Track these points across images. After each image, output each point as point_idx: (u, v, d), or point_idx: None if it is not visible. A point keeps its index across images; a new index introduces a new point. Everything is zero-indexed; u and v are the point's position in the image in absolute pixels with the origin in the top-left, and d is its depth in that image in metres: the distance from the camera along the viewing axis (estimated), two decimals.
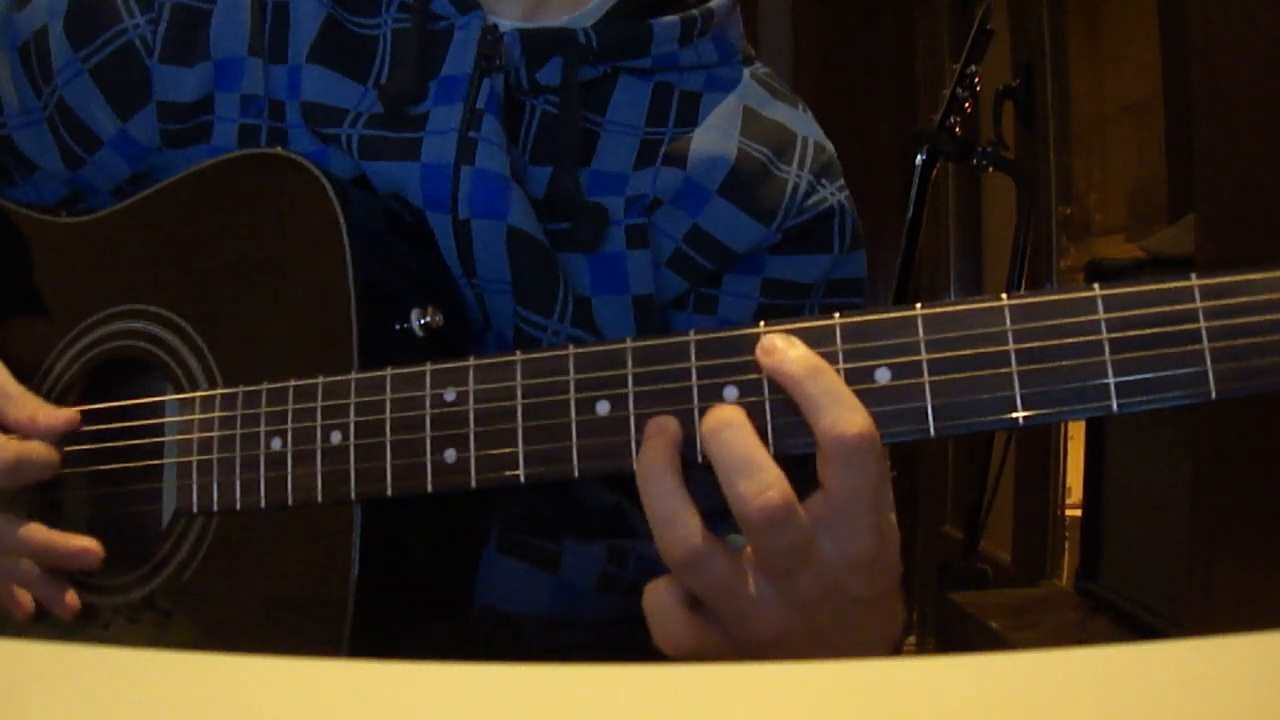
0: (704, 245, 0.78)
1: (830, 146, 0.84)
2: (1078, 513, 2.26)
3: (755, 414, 0.55)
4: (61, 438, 0.73)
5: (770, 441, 0.54)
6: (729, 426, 0.52)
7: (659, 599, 0.55)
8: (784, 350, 0.53)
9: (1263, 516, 1.43)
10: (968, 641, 2.08)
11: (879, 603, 0.55)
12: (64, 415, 0.71)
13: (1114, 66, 2.53)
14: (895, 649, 0.60)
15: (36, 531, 0.70)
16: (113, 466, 0.73)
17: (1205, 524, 1.56)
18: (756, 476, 0.51)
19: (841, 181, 0.82)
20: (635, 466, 0.54)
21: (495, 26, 0.75)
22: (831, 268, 0.81)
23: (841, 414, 0.51)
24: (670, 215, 0.77)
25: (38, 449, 0.70)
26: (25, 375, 0.76)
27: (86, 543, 0.70)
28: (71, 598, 0.71)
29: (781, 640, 0.54)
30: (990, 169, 2.27)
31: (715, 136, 0.78)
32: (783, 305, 0.81)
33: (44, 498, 0.75)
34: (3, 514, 0.70)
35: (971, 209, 3.08)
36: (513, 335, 0.75)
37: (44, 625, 0.72)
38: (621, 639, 0.84)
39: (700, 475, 0.55)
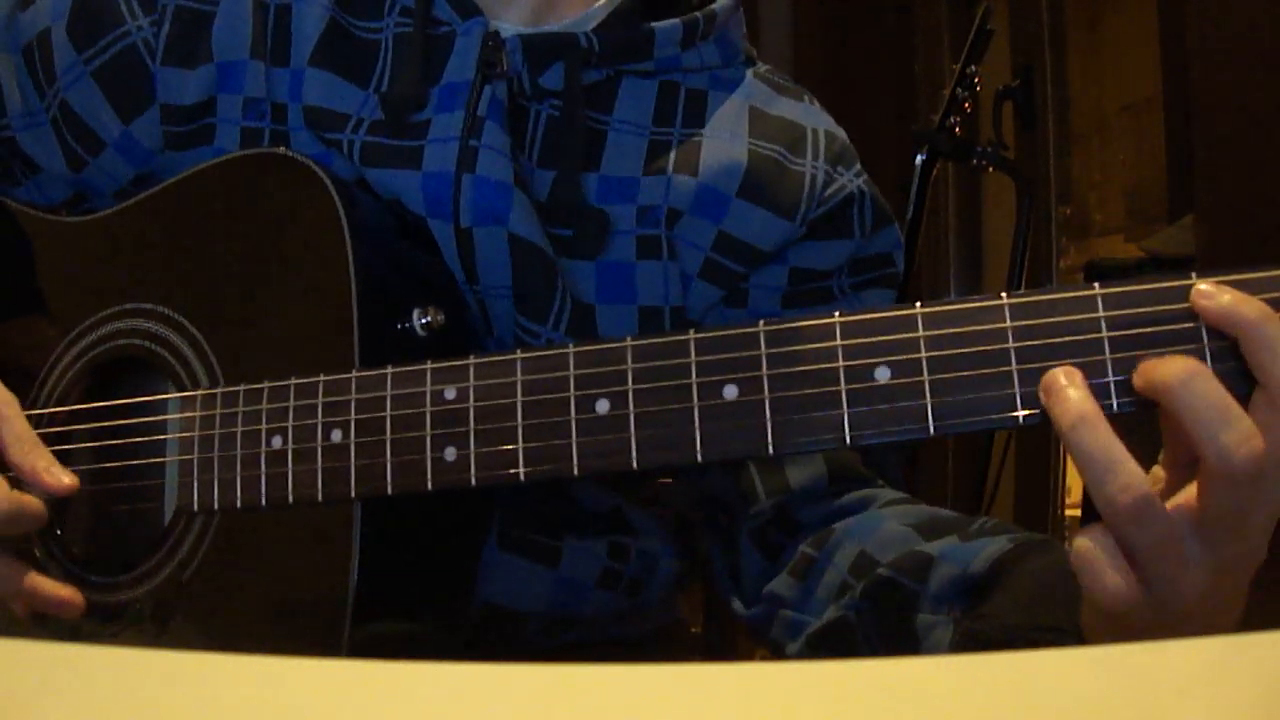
0: (733, 250, 0.78)
1: (842, 133, 0.83)
2: (1078, 513, 2.26)
3: (754, 413, 0.54)
4: (64, 436, 0.73)
5: (770, 442, 0.54)
6: (1199, 375, 0.48)
7: (1093, 547, 0.51)
8: (1233, 294, 0.49)
9: None
10: None
11: (1251, 574, 0.53)
12: (68, 481, 0.69)
13: (1114, 66, 2.53)
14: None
15: (22, 575, 0.68)
16: (115, 464, 0.73)
17: None
18: (1239, 424, 0.48)
19: (858, 166, 0.82)
20: (1057, 420, 0.50)
21: (497, 32, 0.75)
22: (855, 251, 0.81)
23: None
24: (694, 226, 0.77)
25: (34, 505, 0.67)
26: (29, 374, 0.76)
27: (69, 594, 0.69)
28: (74, 595, 0.70)
29: (1201, 607, 0.51)
30: (990, 169, 2.26)
31: (724, 141, 0.78)
32: (810, 290, 0.80)
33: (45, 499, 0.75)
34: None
35: (971, 209, 3.08)
36: (512, 341, 0.75)
37: (44, 625, 0.72)
38: (622, 635, 0.84)
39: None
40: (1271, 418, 0.49)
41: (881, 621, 0.70)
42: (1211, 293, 0.50)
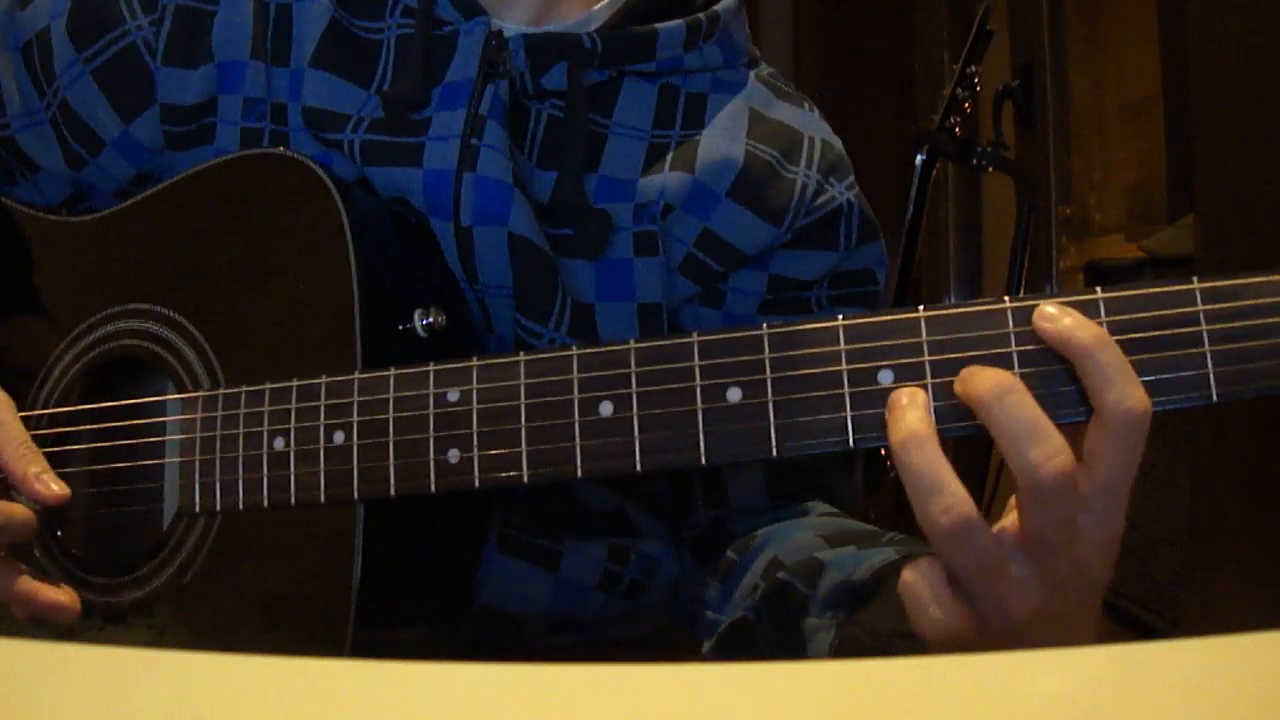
0: (715, 248, 0.78)
1: (838, 144, 0.83)
2: None
3: (758, 416, 0.54)
4: (64, 437, 0.73)
5: (774, 444, 0.54)
6: (1013, 390, 0.50)
7: (920, 579, 0.52)
8: (1073, 318, 0.50)
9: (1262, 517, 1.43)
10: None
11: (1100, 592, 0.54)
12: (57, 490, 0.68)
13: (1114, 66, 2.53)
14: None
15: (16, 579, 0.68)
16: (115, 466, 0.73)
17: (1205, 524, 1.56)
18: (1046, 442, 0.49)
19: (851, 178, 0.82)
20: (891, 436, 0.51)
21: (500, 32, 0.75)
22: (837, 263, 0.81)
23: (1131, 388, 0.49)
24: (681, 220, 0.77)
25: (21, 513, 0.67)
26: (28, 374, 0.76)
27: (64, 597, 0.68)
28: (70, 598, 0.70)
29: (1031, 624, 0.52)
30: (990, 169, 2.27)
31: (722, 140, 0.78)
32: (788, 299, 0.81)
33: None
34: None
35: (971, 209, 3.08)
36: (513, 341, 0.75)
37: (44, 625, 0.72)
38: (622, 638, 0.84)
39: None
40: (1102, 443, 0.50)
41: (775, 623, 0.72)
42: (1053, 315, 0.51)
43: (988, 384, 0.50)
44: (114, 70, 0.77)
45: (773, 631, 0.72)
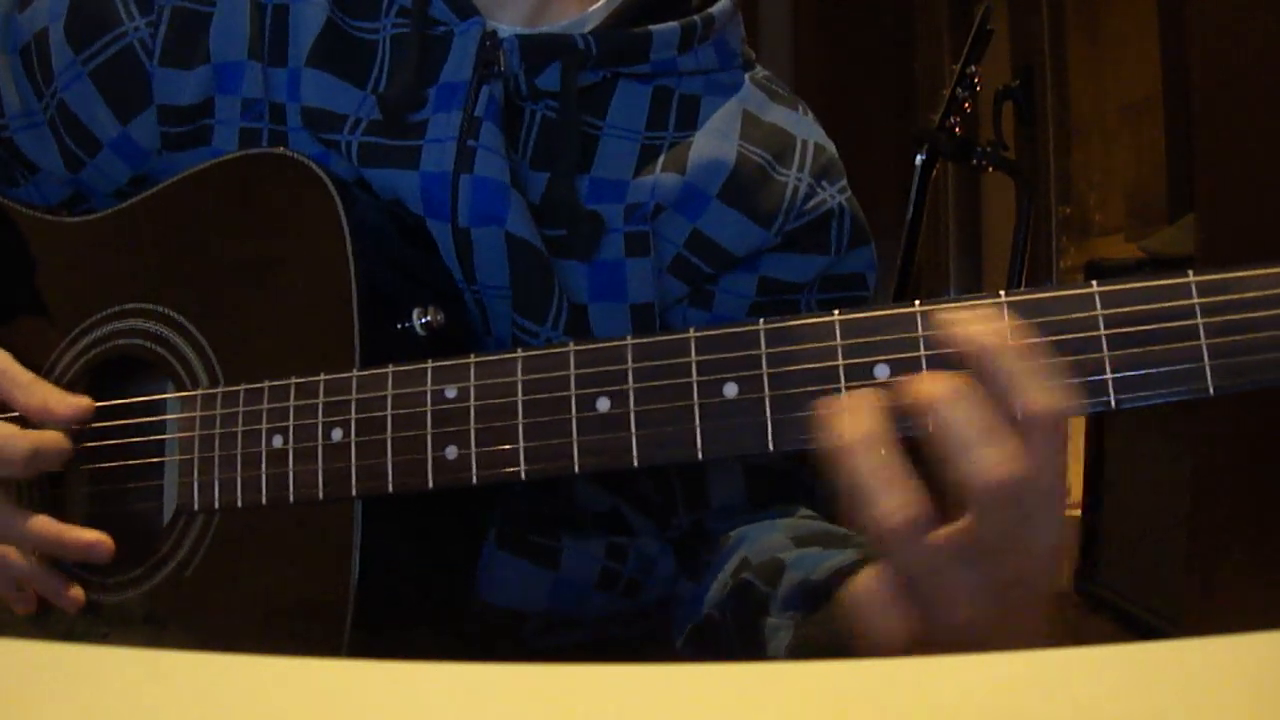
0: (704, 249, 0.78)
1: (831, 147, 0.83)
2: (1077, 513, 2.26)
3: (755, 411, 0.55)
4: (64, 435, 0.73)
5: (771, 440, 0.54)
6: (962, 396, 0.50)
7: (872, 587, 0.52)
8: (980, 324, 0.51)
9: (1262, 516, 1.43)
10: None
11: (1041, 603, 0.54)
12: (78, 403, 0.70)
13: (1114, 66, 2.53)
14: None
15: (46, 525, 0.69)
16: (114, 464, 0.73)
17: (1205, 524, 1.56)
18: (1001, 444, 0.49)
19: (843, 182, 0.82)
20: (841, 438, 0.51)
21: (494, 32, 0.75)
22: (827, 267, 0.81)
23: (1039, 393, 0.49)
24: (671, 221, 0.77)
25: (53, 438, 0.69)
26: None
27: (97, 536, 0.69)
28: (75, 591, 0.71)
29: (972, 628, 0.52)
30: (990, 169, 2.27)
31: (715, 141, 0.78)
32: (777, 301, 0.81)
33: (45, 495, 0.75)
34: (12, 506, 0.70)
35: (971, 209, 3.08)
36: (510, 340, 0.75)
37: (44, 624, 0.72)
38: (621, 636, 0.84)
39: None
40: (1030, 451, 0.50)
41: (738, 623, 0.72)
42: (952, 321, 0.51)
43: (935, 390, 0.50)
44: (111, 71, 0.77)
45: (736, 631, 0.72)
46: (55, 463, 0.70)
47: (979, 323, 0.51)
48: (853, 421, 0.51)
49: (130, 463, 0.73)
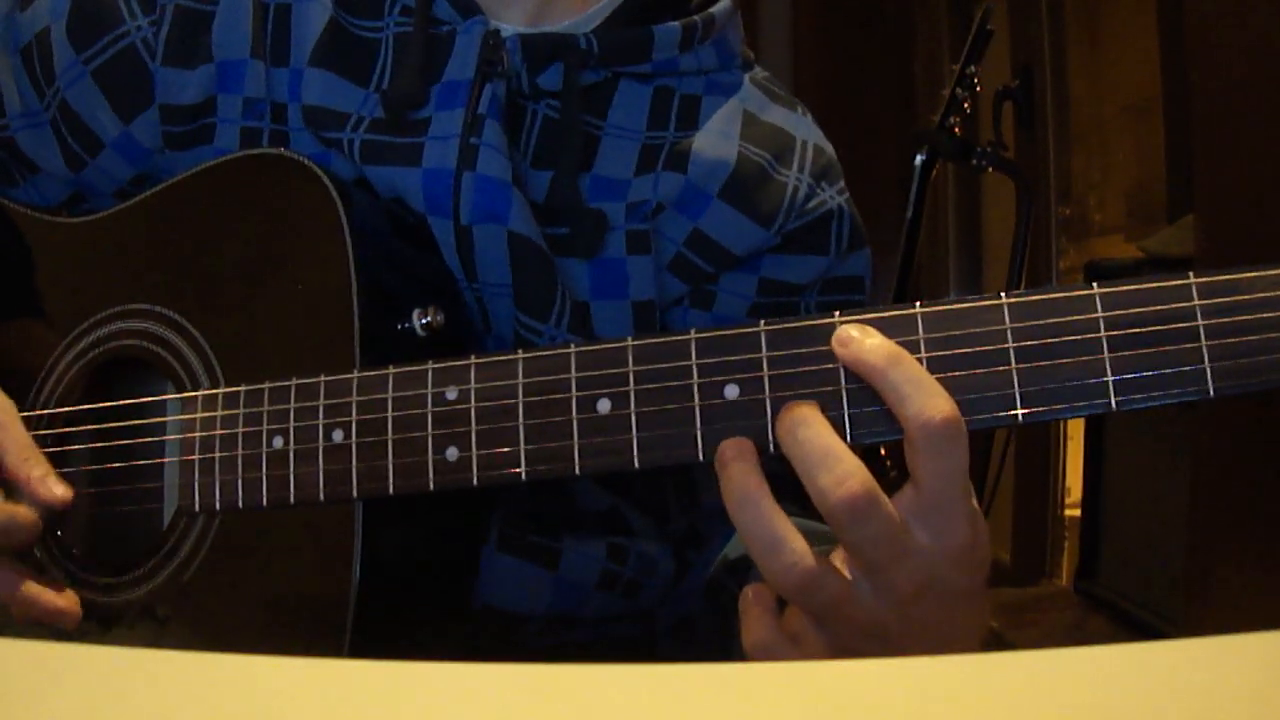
0: (704, 248, 0.78)
1: (830, 149, 0.84)
2: (1077, 512, 2.26)
3: (755, 413, 0.55)
4: (64, 437, 0.73)
5: (772, 441, 0.54)
6: (805, 423, 0.52)
7: (753, 607, 0.54)
8: (860, 340, 0.52)
9: (1262, 516, 1.43)
10: None
11: (976, 595, 0.55)
12: (60, 493, 0.67)
13: (1114, 67, 2.53)
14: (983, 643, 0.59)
15: (18, 583, 0.67)
16: (115, 466, 0.73)
17: (1205, 524, 1.56)
18: (836, 468, 0.50)
19: (841, 184, 0.83)
20: (724, 496, 0.53)
21: (497, 31, 0.75)
22: (827, 269, 0.81)
23: (927, 400, 0.50)
24: (672, 219, 0.77)
25: (26, 516, 0.66)
26: (28, 375, 0.76)
27: (66, 603, 0.67)
28: (72, 603, 0.70)
29: (877, 634, 0.53)
30: (990, 169, 2.27)
31: (715, 140, 0.79)
32: (777, 303, 0.81)
33: None
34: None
35: (971, 209, 3.08)
36: (512, 339, 0.75)
37: (43, 625, 0.72)
38: (622, 637, 0.84)
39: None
40: (914, 457, 0.51)
41: (718, 619, 0.73)
42: (844, 339, 0.53)
43: (784, 420, 0.52)
44: (114, 71, 0.77)
45: (714, 628, 0.73)
46: (20, 541, 0.67)
47: (871, 337, 0.52)
48: (731, 474, 0.53)
49: (131, 464, 0.73)
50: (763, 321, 0.55)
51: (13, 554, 0.68)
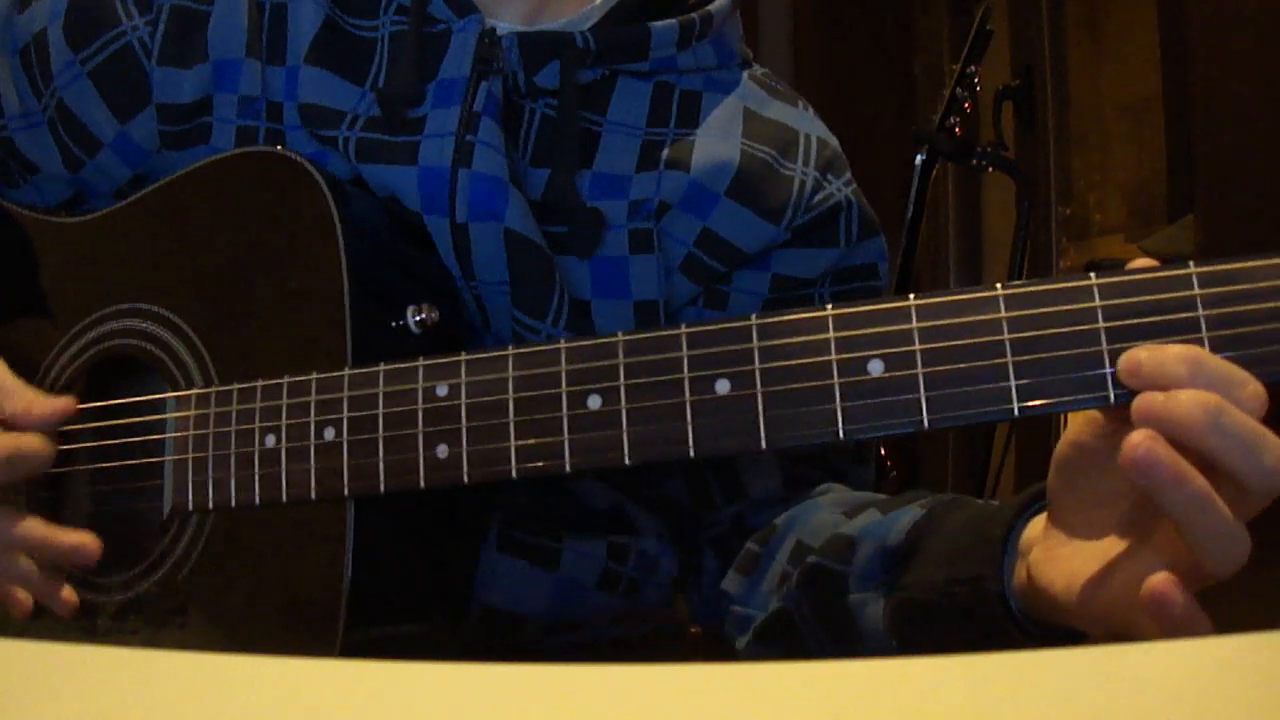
0: (715, 247, 0.78)
1: (834, 141, 0.83)
2: None
3: (748, 408, 0.54)
4: (61, 435, 0.73)
5: (763, 436, 0.54)
6: (1225, 410, 0.48)
7: (1168, 581, 0.52)
8: (1166, 354, 0.49)
9: (1263, 516, 1.43)
10: None
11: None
12: (59, 405, 0.70)
13: (1114, 66, 2.53)
14: None
15: (35, 526, 0.69)
16: (109, 464, 0.73)
17: None
18: (1275, 446, 0.48)
19: (848, 175, 0.82)
20: (1182, 491, 0.48)
21: (493, 30, 0.75)
22: (839, 260, 0.81)
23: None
24: (680, 220, 0.77)
25: (33, 442, 0.68)
26: (25, 374, 0.76)
27: (84, 537, 0.69)
28: (69, 594, 0.71)
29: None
30: (990, 169, 2.26)
31: (717, 139, 0.78)
32: (791, 298, 0.81)
33: (41, 496, 0.74)
34: (1, 508, 0.70)
35: (971, 209, 3.08)
36: (510, 337, 0.75)
37: (43, 624, 0.72)
38: (622, 637, 0.84)
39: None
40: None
41: (816, 607, 0.71)
42: (1140, 359, 0.49)
43: (1205, 405, 0.47)
44: (110, 71, 0.77)
45: (814, 617, 0.71)
46: (37, 468, 0.69)
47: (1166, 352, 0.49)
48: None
49: (126, 463, 0.73)
50: (754, 315, 0.55)
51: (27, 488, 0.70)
